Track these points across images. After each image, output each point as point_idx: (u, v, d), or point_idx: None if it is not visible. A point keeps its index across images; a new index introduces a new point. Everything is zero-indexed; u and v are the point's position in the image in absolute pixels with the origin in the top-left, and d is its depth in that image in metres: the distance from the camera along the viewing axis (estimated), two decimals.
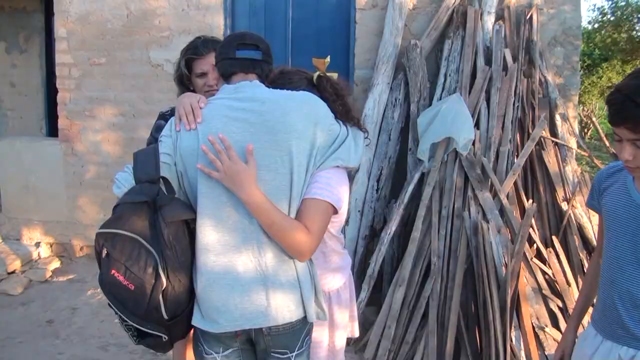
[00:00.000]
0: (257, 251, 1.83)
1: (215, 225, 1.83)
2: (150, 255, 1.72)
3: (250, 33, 2.02)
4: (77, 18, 5.50)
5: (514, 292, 3.60)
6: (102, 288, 1.76)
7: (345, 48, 5.14)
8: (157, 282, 1.72)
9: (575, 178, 4.21)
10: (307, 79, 2.16)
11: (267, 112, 1.83)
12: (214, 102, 1.93)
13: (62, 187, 5.72)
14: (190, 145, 1.85)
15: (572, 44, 4.72)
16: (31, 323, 4.44)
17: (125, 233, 1.72)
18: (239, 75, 1.96)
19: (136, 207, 1.77)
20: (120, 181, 1.87)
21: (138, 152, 1.90)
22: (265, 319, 1.84)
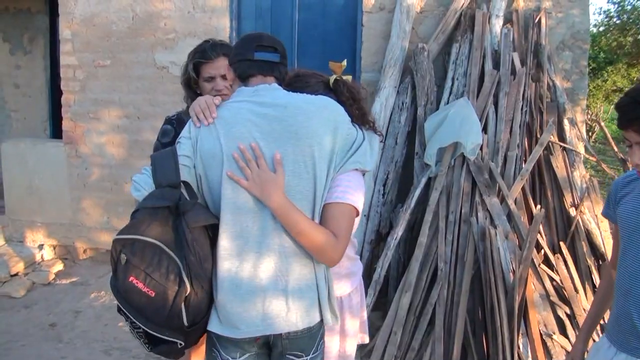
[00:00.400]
0: (279, 257, 1.83)
1: (238, 231, 1.82)
2: (172, 262, 1.70)
3: (267, 35, 1.99)
4: (82, 20, 5.48)
5: (522, 298, 3.56)
6: (115, 295, 1.73)
7: (351, 51, 5.11)
8: (181, 289, 1.70)
9: (584, 183, 4.17)
10: (324, 82, 2.15)
11: (290, 117, 1.83)
12: (234, 104, 1.89)
13: (66, 189, 5.70)
14: (211, 148, 1.83)
15: (580, 48, 4.68)
16: (34, 326, 4.42)
17: (146, 239, 1.70)
18: (257, 77, 1.94)
19: (157, 212, 1.74)
20: (140, 184, 1.82)
21: (156, 154, 1.87)
22: (286, 324, 1.84)
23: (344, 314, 2.25)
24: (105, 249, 5.67)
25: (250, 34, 2.00)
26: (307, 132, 1.82)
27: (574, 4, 4.64)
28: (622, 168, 4.47)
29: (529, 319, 3.58)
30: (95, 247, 5.75)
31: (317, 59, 5.20)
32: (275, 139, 1.81)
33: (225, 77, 2.40)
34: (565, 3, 4.64)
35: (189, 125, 1.91)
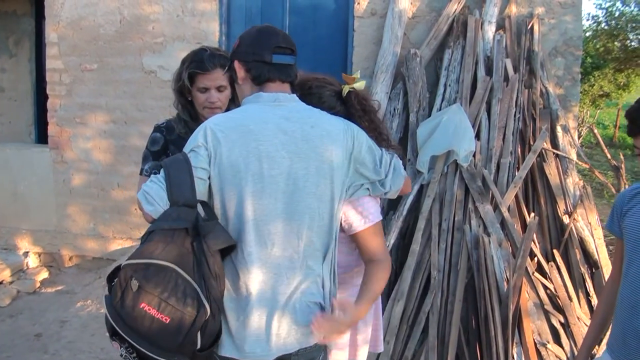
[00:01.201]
0: (293, 277, 1.81)
1: (258, 253, 1.77)
2: (189, 286, 1.62)
3: (282, 32, 1.92)
4: (69, 23, 5.40)
5: (516, 307, 3.52)
6: (116, 321, 1.61)
7: (343, 56, 5.07)
8: (200, 313, 1.62)
9: (577, 191, 4.15)
10: (337, 93, 2.12)
11: (317, 138, 1.81)
12: (258, 115, 1.80)
13: (51, 195, 5.61)
14: (235, 163, 1.74)
15: (572, 54, 4.67)
16: (20, 337, 4.32)
17: (161, 263, 1.61)
18: (275, 83, 1.86)
19: (174, 234, 1.65)
20: (154, 197, 1.69)
21: (169, 165, 1.73)
22: (298, 343, 1.83)
23: (357, 324, 2.20)
24: (92, 256, 5.59)
25: (263, 29, 1.90)
26: (330, 155, 1.81)
27: (567, 10, 4.63)
28: (615, 175, 4.45)
29: (523, 328, 3.54)
30: (81, 254, 5.66)
31: (308, 64, 5.13)
32: (301, 158, 1.78)
33: (220, 90, 2.34)
34: (558, 9, 4.63)
35: (205, 132, 1.76)
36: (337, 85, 2.15)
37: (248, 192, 1.74)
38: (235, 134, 1.74)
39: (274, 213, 1.76)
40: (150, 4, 5.22)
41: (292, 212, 1.78)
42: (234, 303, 1.77)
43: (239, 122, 1.77)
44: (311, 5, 5.14)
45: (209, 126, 1.76)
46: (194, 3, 5.14)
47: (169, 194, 1.68)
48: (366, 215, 1.97)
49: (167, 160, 1.76)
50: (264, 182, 1.74)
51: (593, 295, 3.89)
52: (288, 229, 1.78)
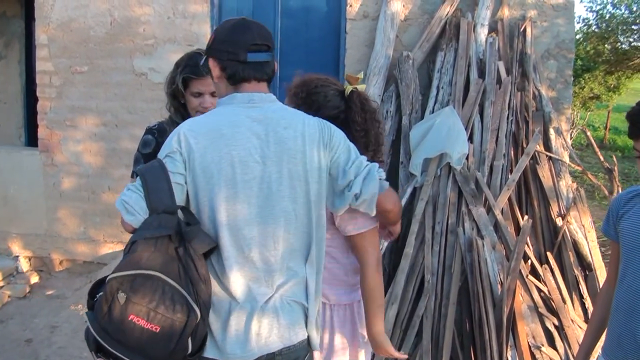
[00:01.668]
0: (273, 280, 1.80)
1: (235, 257, 1.76)
2: (177, 292, 1.61)
3: (257, 27, 1.84)
4: (59, 24, 5.36)
5: (510, 310, 3.51)
6: (103, 337, 1.58)
7: (335, 59, 5.05)
8: (190, 318, 1.62)
9: (570, 193, 4.15)
10: (340, 92, 2.15)
11: (290, 139, 1.79)
12: (231, 118, 1.78)
13: (42, 198, 5.55)
14: (208, 168, 1.72)
15: (565, 57, 4.68)
16: (10, 342, 4.28)
17: (146, 272, 1.59)
18: (251, 83, 1.83)
19: (157, 242, 1.64)
20: (133, 207, 1.67)
21: (145, 170, 1.72)
22: (280, 342, 1.80)
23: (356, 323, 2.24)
24: (83, 260, 5.53)
25: (237, 25, 1.83)
26: (303, 157, 1.79)
27: (559, 13, 4.64)
28: (608, 177, 4.45)
29: (517, 330, 3.53)
30: (72, 258, 5.60)
31: (300, 66, 5.10)
32: (274, 162, 1.76)
33: (214, 95, 2.31)
34: (550, 12, 4.63)
35: (179, 137, 1.75)
36: (340, 85, 2.18)
37: (222, 197, 1.72)
38: (207, 140, 1.73)
39: (249, 218, 1.75)
40: (141, 5, 5.19)
41: (267, 216, 1.77)
42: (214, 305, 1.76)
43: (211, 127, 1.76)
44: (303, 8, 5.12)
45: (182, 131, 1.75)
46: (185, 5, 5.11)
47: (148, 202, 1.66)
48: (362, 220, 1.98)
49: (143, 167, 1.74)
50: (237, 188, 1.73)
51: (587, 298, 3.89)
52: (264, 232, 1.77)
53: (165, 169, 1.70)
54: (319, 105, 2.11)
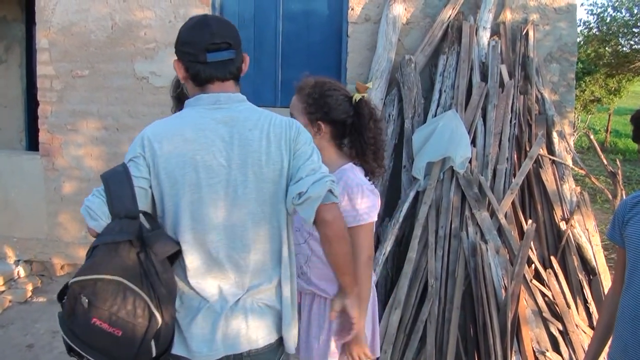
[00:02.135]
0: (242, 282, 1.80)
1: (203, 260, 1.77)
2: (139, 297, 1.62)
3: (216, 23, 1.79)
4: (60, 29, 5.34)
5: (514, 315, 3.49)
6: (71, 339, 1.62)
7: (336, 62, 5.04)
8: (152, 322, 1.63)
9: (574, 197, 4.13)
10: (349, 98, 2.22)
11: (255, 141, 1.77)
12: (196, 121, 1.76)
13: (42, 203, 5.53)
14: (172, 173, 1.73)
15: (567, 60, 4.66)
16: (11, 347, 4.25)
17: (108, 277, 1.60)
18: (215, 83, 1.80)
19: (118, 247, 1.63)
20: (96, 212, 1.67)
21: (109, 177, 1.71)
22: (248, 344, 1.81)
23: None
24: None
25: (195, 25, 1.79)
26: (269, 158, 1.78)
27: (561, 16, 4.62)
28: (612, 180, 4.44)
29: (522, 336, 3.51)
30: (72, 263, 5.58)
31: (302, 70, 5.10)
32: (239, 165, 1.76)
33: None
34: (553, 15, 4.62)
35: (142, 141, 1.74)
36: (348, 92, 2.24)
37: (187, 202, 1.73)
38: (171, 145, 1.72)
39: (216, 222, 1.75)
40: (142, 9, 5.17)
41: (234, 219, 1.77)
42: (184, 304, 1.78)
43: (175, 132, 1.74)
44: (305, 11, 5.11)
45: (147, 136, 1.75)
46: (186, 9, 5.09)
47: (110, 207, 1.66)
48: (363, 212, 2.10)
49: (107, 172, 1.74)
50: (202, 192, 1.73)
51: (591, 303, 3.87)
52: (232, 236, 1.77)
53: (129, 174, 1.70)
54: (330, 108, 2.17)
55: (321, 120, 2.20)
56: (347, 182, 2.14)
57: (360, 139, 2.22)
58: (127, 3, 5.19)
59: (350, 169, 2.21)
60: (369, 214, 2.13)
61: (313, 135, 2.15)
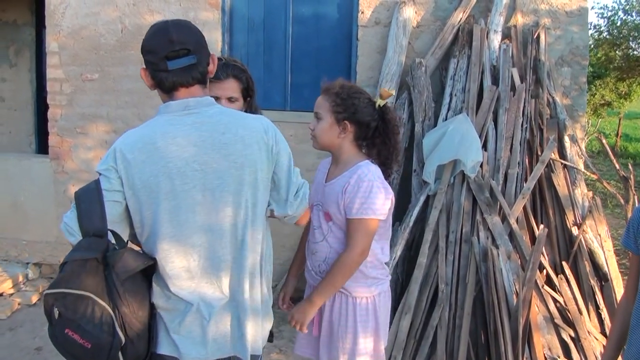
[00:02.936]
0: (227, 283, 1.84)
1: (184, 266, 1.80)
2: (106, 311, 1.66)
3: (175, 30, 1.78)
4: (70, 32, 5.35)
5: (526, 321, 3.46)
6: (55, 345, 1.70)
7: (346, 66, 5.02)
8: (115, 340, 1.67)
9: (586, 201, 4.09)
10: (373, 103, 2.28)
11: (229, 144, 1.79)
12: (166, 128, 1.78)
13: (52, 206, 5.54)
14: (146, 183, 1.74)
15: (579, 63, 4.62)
16: (19, 350, 4.24)
17: (76, 292, 1.65)
18: (180, 91, 1.81)
19: (86, 263, 1.67)
20: (73, 228, 1.73)
21: (80, 195, 1.75)
22: (234, 350, 1.87)
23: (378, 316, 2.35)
24: None
25: (155, 32, 1.80)
26: (245, 161, 1.80)
27: (573, 19, 4.59)
28: (624, 185, 4.39)
29: (533, 342, 3.48)
30: None
31: (311, 73, 5.10)
32: (214, 168, 1.77)
33: (232, 100, 2.30)
34: (564, 19, 4.59)
35: (114, 154, 1.76)
36: (371, 97, 2.31)
37: (164, 210, 1.75)
38: (143, 155, 1.74)
39: (194, 226, 1.77)
40: (152, 13, 5.18)
41: (212, 222, 1.79)
42: (169, 308, 1.81)
43: (146, 141, 1.75)
44: (314, 15, 5.10)
45: (118, 147, 1.76)
46: (196, 12, 5.10)
47: (80, 225, 1.72)
48: (367, 206, 2.14)
49: (79, 190, 1.77)
50: (178, 199, 1.75)
51: (603, 309, 3.83)
52: (212, 239, 1.80)
53: (100, 191, 1.73)
54: (357, 109, 2.23)
55: (347, 120, 2.24)
56: (360, 175, 2.19)
57: (386, 143, 2.30)
58: (137, 7, 5.20)
59: (366, 165, 2.25)
60: (374, 210, 2.16)
61: (337, 134, 2.26)
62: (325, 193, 2.31)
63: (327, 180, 2.34)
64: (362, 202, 2.15)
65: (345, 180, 2.21)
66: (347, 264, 2.17)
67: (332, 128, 2.26)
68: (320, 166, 2.49)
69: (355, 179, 2.18)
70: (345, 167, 2.27)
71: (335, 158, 2.36)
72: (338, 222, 2.25)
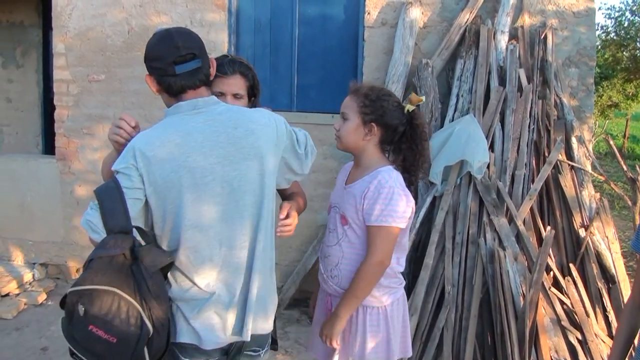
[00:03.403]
0: (243, 269, 1.93)
1: (208, 256, 1.88)
2: (132, 307, 1.71)
3: (179, 37, 1.89)
4: (76, 33, 5.37)
5: (532, 323, 3.44)
6: (72, 343, 1.71)
7: (353, 67, 5.01)
8: (143, 332, 1.71)
9: (593, 203, 4.07)
10: (402, 107, 2.26)
11: (241, 138, 1.90)
12: (182, 126, 1.86)
13: (58, 206, 5.55)
14: (167, 179, 1.82)
15: (586, 64, 4.60)
16: (25, 350, 4.25)
17: (102, 288, 1.68)
18: (188, 92, 1.90)
19: (112, 260, 1.72)
20: (97, 226, 1.78)
21: (102, 193, 1.79)
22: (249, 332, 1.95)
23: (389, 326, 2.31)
24: None
25: (160, 40, 1.90)
26: (256, 152, 1.91)
27: (580, 20, 4.56)
28: (631, 187, 4.37)
29: (540, 344, 3.46)
30: None
31: (318, 74, 5.10)
32: (231, 161, 1.87)
33: (237, 97, 2.29)
34: (571, 19, 4.56)
35: (134, 153, 1.82)
36: (400, 100, 2.31)
37: (187, 202, 1.83)
38: (162, 151, 1.81)
39: (216, 216, 1.87)
40: (159, 14, 5.19)
41: (232, 212, 1.89)
42: (188, 299, 1.90)
43: (164, 138, 1.83)
44: (321, 16, 5.09)
45: (137, 147, 1.82)
46: (202, 14, 5.10)
47: (104, 223, 1.76)
48: (388, 213, 2.11)
49: (100, 189, 1.81)
50: (200, 191, 1.84)
51: (610, 311, 3.81)
52: (232, 228, 1.90)
53: (121, 189, 1.78)
54: (385, 112, 2.20)
55: (375, 122, 2.22)
56: (381, 181, 2.16)
57: (412, 149, 2.26)
58: (144, 8, 5.20)
59: (387, 171, 2.21)
60: (394, 218, 2.13)
61: (362, 136, 2.24)
62: (344, 196, 2.29)
63: (347, 183, 2.31)
64: (383, 209, 2.12)
65: (365, 185, 2.18)
66: (367, 273, 2.14)
67: (357, 129, 2.23)
68: (343, 169, 2.48)
69: (375, 185, 2.15)
70: (366, 171, 2.24)
71: (357, 160, 2.33)
72: (354, 227, 2.23)
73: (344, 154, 4.86)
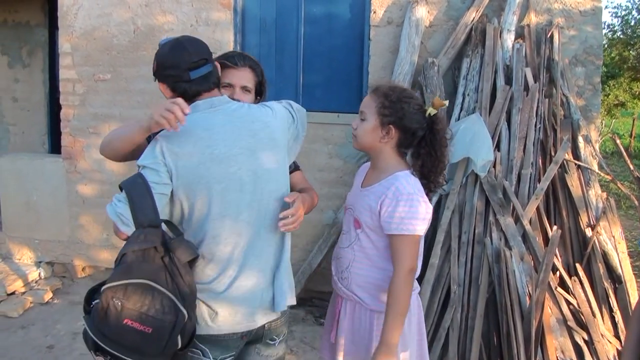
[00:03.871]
0: (269, 254, 2.05)
1: (233, 238, 1.97)
2: (165, 297, 1.77)
3: (191, 45, 2.01)
4: (82, 33, 5.38)
5: (539, 323, 3.43)
6: (101, 339, 1.73)
7: (358, 66, 5.00)
8: (179, 318, 1.78)
9: (600, 203, 4.05)
10: (423, 111, 2.18)
11: (260, 130, 2.02)
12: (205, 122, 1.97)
13: (64, 205, 5.57)
14: (195, 173, 1.91)
15: (593, 63, 4.58)
16: (31, 348, 4.27)
17: (137, 281, 1.76)
18: (203, 95, 2.02)
19: (144, 253, 1.80)
20: (128, 219, 1.84)
21: (130, 188, 1.85)
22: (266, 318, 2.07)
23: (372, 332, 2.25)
24: (105, 267, 5.53)
25: (174, 48, 2.00)
26: (274, 143, 2.05)
27: (587, 19, 4.54)
28: (637, 186, 4.35)
29: (546, 345, 3.45)
30: (94, 265, 5.61)
31: (323, 74, 5.09)
32: (252, 151, 1.99)
33: (246, 90, 2.31)
34: (578, 18, 4.54)
35: (161, 149, 1.90)
36: (422, 104, 2.22)
37: (215, 192, 1.92)
38: (189, 145, 1.91)
39: (244, 204, 1.97)
40: (164, 14, 5.19)
41: (259, 199, 2.00)
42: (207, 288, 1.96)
43: (189, 134, 1.92)
44: (326, 15, 5.09)
45: (164, 143, 1.91)
46: (208, 13, 5.10)
47: (134, 218, 1.83)
48: (409, 221, 2.05)
49: (127, 183, 1.86)
50: (227, 181, 1.94)
51: (617, 312, 3.79)
52: (259, 214, 2.00)
53: (148, 184, 1.85)
54: (404, 114, 2.14)
55: (393, 124, 2.14)
56: (399, 188, 2.08)
57: (431, 155, 2.18)
58: (149, 8, 5.21)
59: (405, 176, 2.14)
60: (415, 226, 2.06)
61: (380, 138, 2.17)
62: (359, 199, 2.24)
63: (364, 186, 2.27)
64: (403, 217, 2.05)
65: (382, 191, 2.12)
66: (400, 285, 2.05)
67: (375, 130, 2.16)
68: (360, 170, 2.43)
69: (393, 192, 2.09)
70: (382, 175, 2.18)
71: (373, 162, 2.28)
72: (367, 231, 2.18)
73: (349, 154, 4.86)
